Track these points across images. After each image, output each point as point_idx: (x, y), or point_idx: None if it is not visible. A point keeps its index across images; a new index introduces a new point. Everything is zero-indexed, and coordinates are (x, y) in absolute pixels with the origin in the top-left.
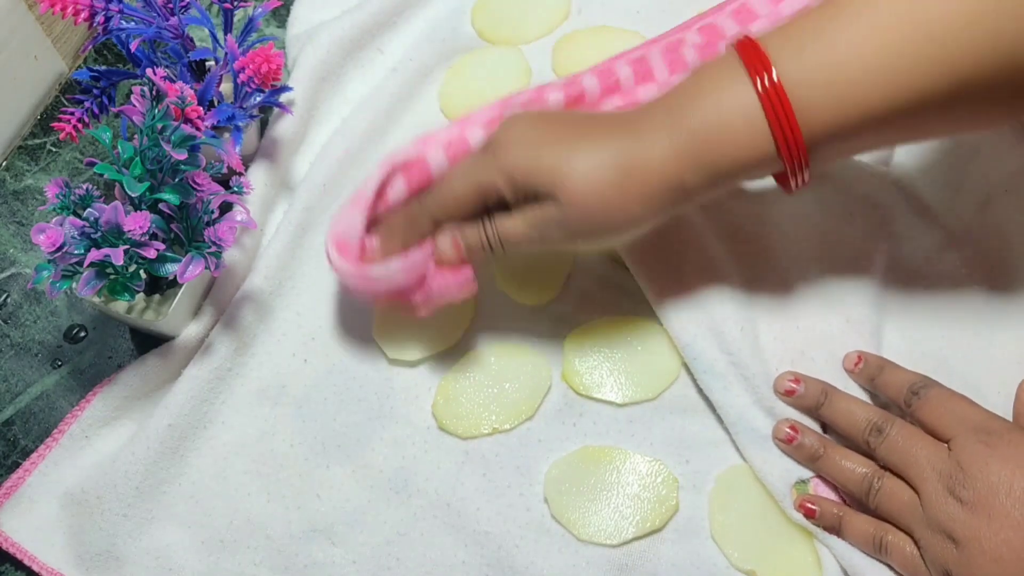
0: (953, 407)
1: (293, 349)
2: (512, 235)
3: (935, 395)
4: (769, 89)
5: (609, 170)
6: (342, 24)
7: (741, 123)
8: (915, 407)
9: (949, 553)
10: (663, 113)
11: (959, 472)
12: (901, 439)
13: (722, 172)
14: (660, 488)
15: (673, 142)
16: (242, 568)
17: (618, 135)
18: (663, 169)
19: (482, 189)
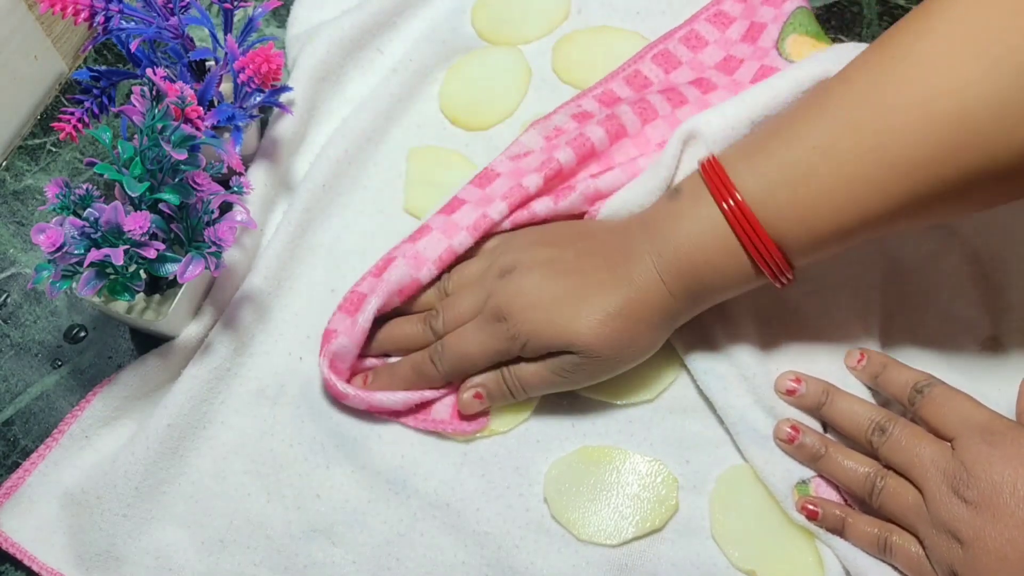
0: (956, 406)
1: (290, 348)
2: (534, 382)
3: (939, 393)
4: (735, 209)
5: (616, 319)
6: (342, 24)
7: (715, 244)
8: (918, 405)
9: (954, 553)
10: (646, 244)
11: (963, 472)
12: (904, 438)
13: (711, 294)
14: (660, 488)
15: (662, 276)
16: (242, 568)
17: (614, 282)
18: (660, 305)
19: (499, 356)
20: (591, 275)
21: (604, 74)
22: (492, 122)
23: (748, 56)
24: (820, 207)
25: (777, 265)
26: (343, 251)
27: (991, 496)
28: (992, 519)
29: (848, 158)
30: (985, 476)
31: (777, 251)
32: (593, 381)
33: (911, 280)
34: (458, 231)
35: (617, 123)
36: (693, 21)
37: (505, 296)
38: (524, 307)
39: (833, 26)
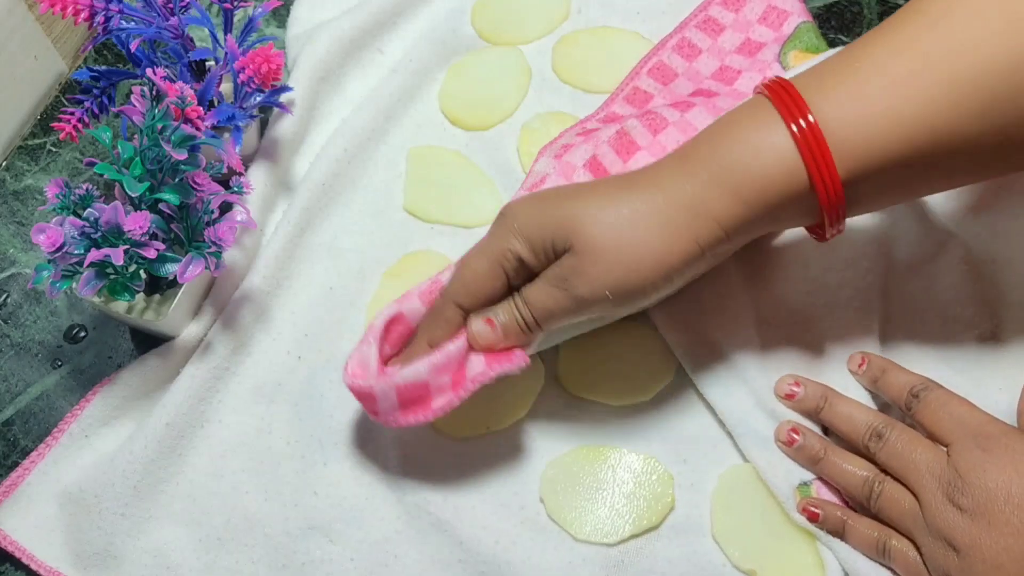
0: (952, 411)
1: (288, 347)
2: (540, 303)
3: (935, 398)
4: (806, 131)
5: (624, 208)
6: (342, 24)
7: (776, 166)
8: (915, 410)
9: (950, 560)
10: (686, 160)
11: (957, 479)
12: (901, 444)
13: (759, 219)
14: (656, 485)
15: (701, 180)
16: (240, 566)
17: (634, 185)
18: (686, 201)
19: (501, 257)
20: (615, 178)
21: (604, 74)
22: (492, 122)
23: (747, 68)
24: (891, 135)
25: (837, 203)
26: (343, 250)
27: (985, 503)
28: (987, 526)
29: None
30: (979, 483)
31: (840, 186)
32: (607, 306)
33: (911, 280)
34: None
35: (627, 139)
36: (683, 28)
37: (507, 204)
38: (524, 204)
39: (833, 26)
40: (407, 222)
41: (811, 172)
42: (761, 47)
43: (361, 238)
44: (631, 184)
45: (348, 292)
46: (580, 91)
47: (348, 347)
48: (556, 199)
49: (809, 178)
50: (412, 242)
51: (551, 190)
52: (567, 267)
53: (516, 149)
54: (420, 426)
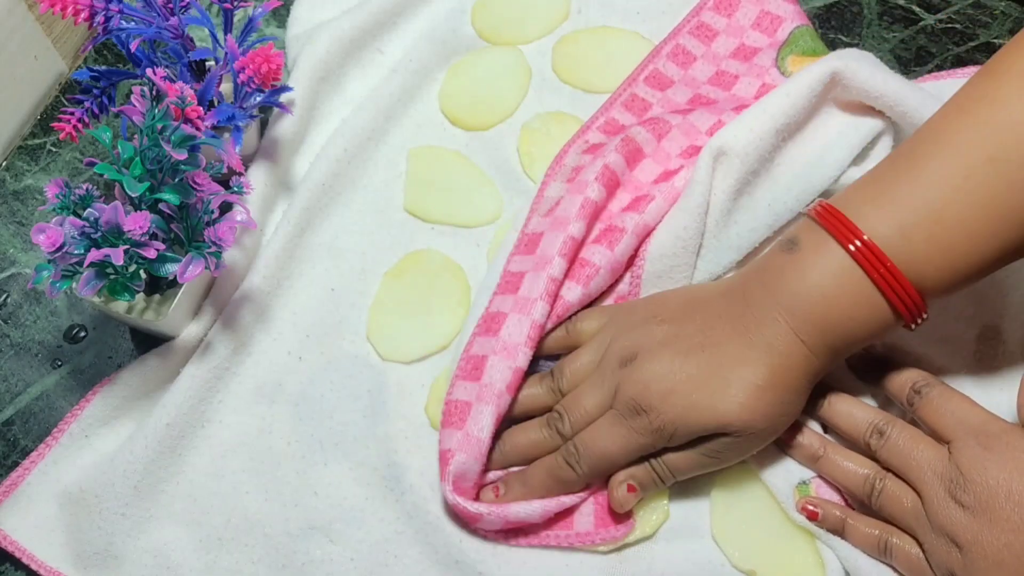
0: (954, 408)
1: (289, 347)
2: (686, 467)
3: (937, 395)
4: (864, 249)
5: (766, 391)
6: (342, 24)
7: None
8: (917, 406)
9: (953, 557)
10: (772, 303)
11: (959, 476)
12: (902, 441)
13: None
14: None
15: (800, 335)
16: (240, 566)
17: (753, 351)
18: (804, 366)
19: (643, 451)
20: (726, 348)
21: (604, 74)
22: (492, 122)
23: (744, 72)
24: (957, 244)
25: (915, 305)
26: (343, 250)
27: (987, 500)
28: (988, 524)
29: (983, 190)
30: (980, 480)
31: (914, 291)
32: (743, 457)
33: None
34: (533, 304)
35: (633, 145)
36: (676, 35)
37: (638, 386)
38: (663, 395)
39: (833, 26)
40: (407, 222)
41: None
42: (756, 52)
43: (361, 238)
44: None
45: (349, 293)
46: (580, 91)
47: (349, 348)
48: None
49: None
50: (413, 242)
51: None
52: (721, 446)
53: (516, 149)
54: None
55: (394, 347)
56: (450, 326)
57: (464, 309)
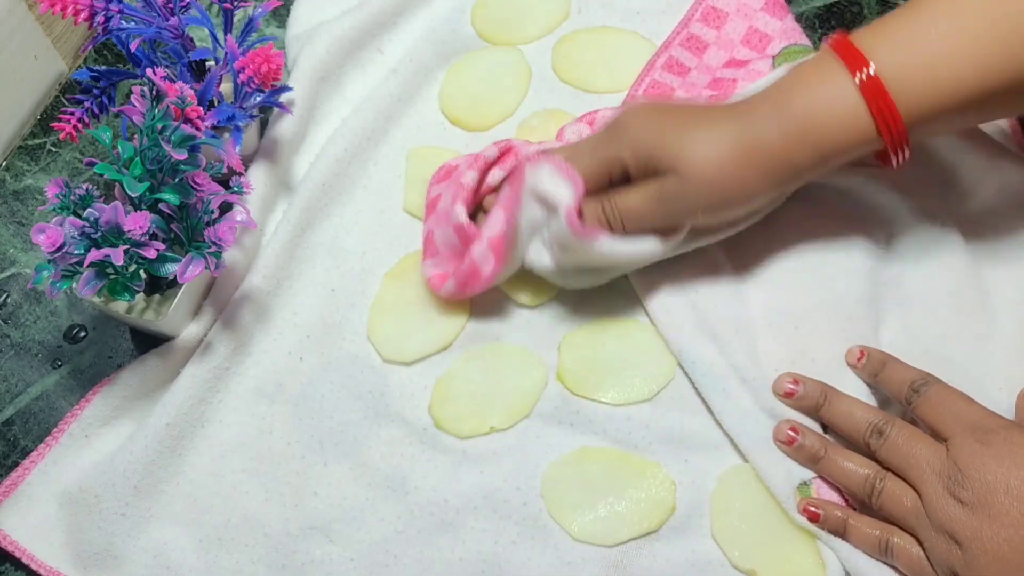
0: (951, 405)
1: (289, 348)
2: (633, 209)
3: (935, 393)
4: (867, 83)
5: (727, 147)
6: (342, 24)
7: (844, 114)
8: (915, 405)
9: (954, 554)
10: (769, 105)
11: (957, 472)
12: (901, 440)
13: (828, 154)
14: (657, 491)
15: (782, 127)
16: (240, 566)
17: (732, 121)
18: (774, 150)
19: (608, 163)
20: (713, 114)
21: (604, 74)
22: (492, 122)
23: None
24: (942, 81)
25: (899, 137)
26: (343, 250)
27: (985, 496)
28: (988, 519)
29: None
30: (979, 476)
31: (902, 123)
32: (689, 216)
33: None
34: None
35: None
36: (688, 24)
37: (618, 116)
38: (638, 122)
39: (833, 26)
40: (407, 222)
41: (876, 119)
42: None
43: (361, 238)
44: (729, 120)
45: (349, 293)
46: (580, 91)
47: (349, 348)
48: (671, 125)
49: (875, 124)
50: (413, 242)
51: (665, 110)
52: (670, 188)
53: None
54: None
55: (395, 347)
56: (450, 326)
57: (464, 309)
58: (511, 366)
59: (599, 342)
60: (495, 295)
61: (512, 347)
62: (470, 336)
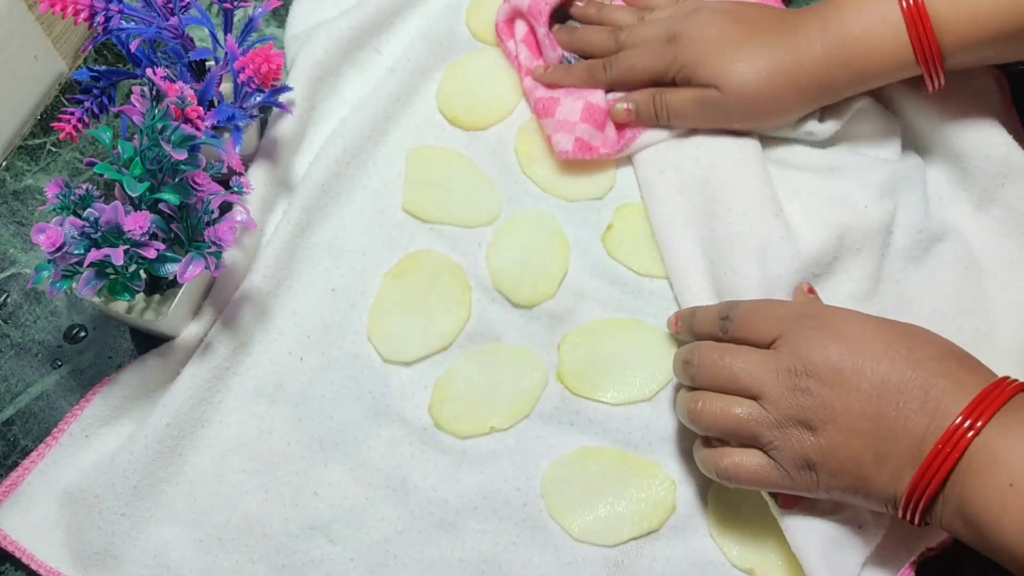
0: (766, 313)
1: (289, 348)
2: (679, 108)
3: (744, 309)
4: (912, 7)
5: (765, 69)
6: (340, 24)
7: (885, 35)
8: (732, 329)
9: (806, 442)
10: (818, 25)
11: (797, 361)
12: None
13: (866, 75)
14: (657, 490)
15: (824, 48)
16: (240, 566)
17: (778, 41)
18: (815, 71)
19: (658, 74)
20: (763, 32)
21: None
22: (491, 122)
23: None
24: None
25: (935, 64)
26: (343, 250)
27: (832, 375)
28: (841, 396)
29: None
30: (822, 358)
31: (939, 51)
32: (727, 122)
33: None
34: None
35: None
36: None
37: (683, 25)
38: (694, 38)
39: None
40: (407, 222)
41: (913, 43)
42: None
43: (361, 238)
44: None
45: (349, 293)
46: None
47: (349, 348)
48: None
49: (912, 48)
50: (413, 242)
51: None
52: (714, 98)
53: (514, 149)
54: (420, 425)
55: (395, 347)
56: (450, 326)
57: (464, 309)
58: (511, 366)
59: (599, 342)
60: (493, 296)
61: (512, 347)
62: (470, 336)
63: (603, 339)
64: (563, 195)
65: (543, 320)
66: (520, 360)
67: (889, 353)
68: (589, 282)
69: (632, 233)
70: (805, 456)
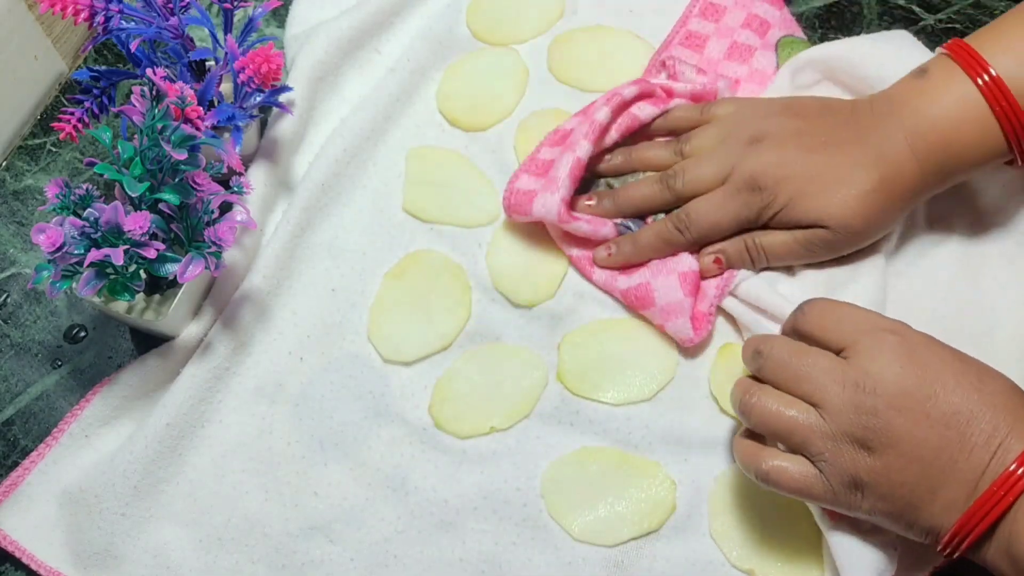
0: (840, 315)
1: (290, 348)
2: (780, 252)
3: (818, 307)
4: (990, 83)
5: (869, 195)
6: (340, 24)
7: (968, 119)
8: (801, 324)
9: (860, 461)
10: (890, 117)
11: (867, 379)
12: (785, 354)
13: (958, 171)
14: (658, 490)
15: (914, 147)
16: (240, 566)
17: (868, 158)
18: (911, 181)
19: (748, 224)
20: (845, 149)
21: (599, 73)
22: (490, 122)
23: (745, 78)
24: None
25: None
26: (343, 250)
27: (902, 399)
28: (907, 421)
29: None
30: (893, 380)
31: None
32: (834, 255)
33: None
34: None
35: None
36: (686, 22)
37: (759, 165)
38: (780, 179)
39: (833, 26)
40: (407, 222)
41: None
42: (752, 51)
43: (361, 238)
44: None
45: (349, 293)
46: (577, 90)
47: (349, 348)
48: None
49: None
50: (413, 242)
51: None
52: (822, 237)
53: (514, 149)
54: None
55: (395, 348)
56: (450, 326)
57: (464, 309)
58: (511, 366)
59: (599, 342)
60: (494, 296)
61: (512, 347)
62: (470, 336)
63: (603, 339)
64: None
65: (543, 320)
66: (520, 360)
67: (962, 383)
68: (589, 282)
69: None
70: (855, 475)
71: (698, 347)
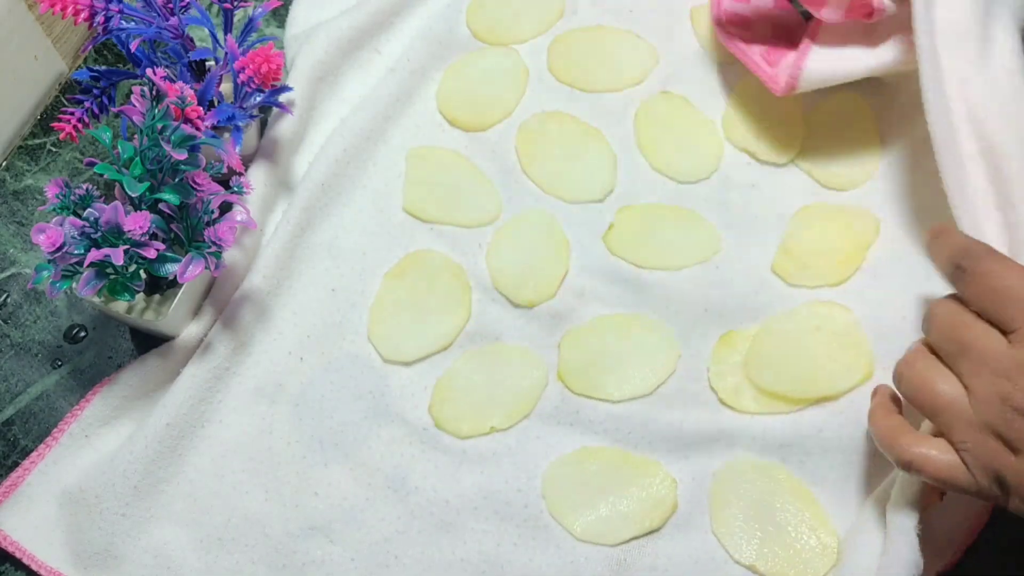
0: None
1: (289, 347)
2: None
3: (984, 271)
4: None
5: None
6: (340, 24)
7: None
8: (963, 285)
9: (1004, 459)
10: None
11: (1020, 372)
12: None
13: None
14: (659, 489)
15: None
16: (240, 566)
17: None
18: None
19: None
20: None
21: (600, 73)
22: (491, 123)
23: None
24: None
25: None
26: (343, 250)
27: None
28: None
29: None
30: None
31: None
32: None
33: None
34: None
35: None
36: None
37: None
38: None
39: None
40: (407, 222)
41: None
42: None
43: (361, 238)
44: None
45: (349, 293)
46: (577, 90)
47: (349, 348)
48: None
49: None
50: (413, 242)
51: None
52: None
53: (515, 149)
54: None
55: (395, 348)
56: (450, 326)
57: (464, 309)
58: (511, 366)
59: (599, 339)
60: (493, 295)
61: (512, 347)
62: (470, 336)
63: (603, 336)
64: (563, 195)
65: (543, 320)
66: (520, 360)
67: None
68: (589, 281)
69: (633, 232)
70: (999, 473)
71: (699, 338)
